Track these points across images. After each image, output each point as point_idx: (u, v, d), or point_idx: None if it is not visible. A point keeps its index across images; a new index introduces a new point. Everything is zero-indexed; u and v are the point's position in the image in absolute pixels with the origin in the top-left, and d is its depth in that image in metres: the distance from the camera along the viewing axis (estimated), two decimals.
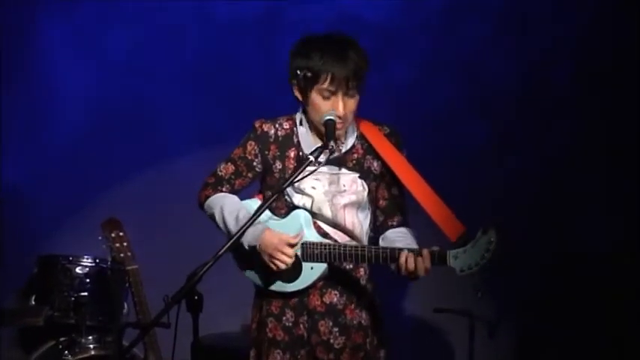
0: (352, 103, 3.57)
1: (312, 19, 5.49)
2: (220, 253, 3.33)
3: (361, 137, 3.70)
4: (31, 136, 5.69)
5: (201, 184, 3.80)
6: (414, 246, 3.55)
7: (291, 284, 3.63)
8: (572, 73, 5.59)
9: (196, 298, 3.41)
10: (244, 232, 3.38)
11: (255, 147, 3.70)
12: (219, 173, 3.75)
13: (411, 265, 3.43)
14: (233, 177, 3.74)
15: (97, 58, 5.72)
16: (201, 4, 5.73)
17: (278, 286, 3.65)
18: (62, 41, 5.70)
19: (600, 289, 5.43)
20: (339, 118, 3.53)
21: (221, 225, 3.69)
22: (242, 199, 3.77)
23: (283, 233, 3.58)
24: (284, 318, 3.66)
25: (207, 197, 3.76)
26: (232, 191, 3.76)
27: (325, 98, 3.54)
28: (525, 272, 5.47)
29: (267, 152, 3.69)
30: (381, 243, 3.68)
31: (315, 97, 3.55)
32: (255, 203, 3.73)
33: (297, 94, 3.63)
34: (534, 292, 5.53)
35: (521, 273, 5.43)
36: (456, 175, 5.56)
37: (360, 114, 3.72)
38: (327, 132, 3.51)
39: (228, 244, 3.34)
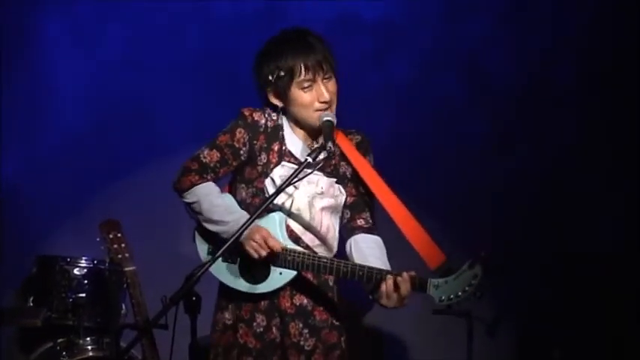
0: (332, 85, 3.57)
1: (312, 19, 5.47)
2: (218, 254, 3.32)
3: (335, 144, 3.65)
4: (31, 136, 5.68)
5: (182, 169, 3.62)
6: (387, 266, 3.53)
7: (256, 286, 3.57)
8: (572, 73, 5.58)
9: (194, 299, 3.41)
10: (243, 232, 3.35)
11: (245, 135, 3.60)
12: (204, 160, 3.60)
13: (391, 288, 3.40)
14: (218, 165, 3.61)
15: (97, 57, 5.71)
16: (201, 3, 5.72)
17: (243, 286, 3.58)
18: (62, 41, 5.70)
19: (600, 289, 5.42)
20: (326, 103, 3.53)
21: (205, 215, 3.55)
22: None
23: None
24: (254, 324, 3.60)
25: (193, 184, 3.58)
26: (215, 179, 3.63)
27: (306, 89, 3.54)
28: (525, 272, 5.46)
29: (255, 142, 3.61)
30: (352, 250, 3.63)
31: (297, 92, 3.54)
32: (226, 197, 3.63)
33: (274, 100, 3.60)
34: (534, 292, 5.52)
35: (521, 273, 5.42)
36: (456, 175, 5.55)
37: (360, 113, 3.71)
38: (325, 133, 3.49)
39: (227, 244, 3.32)
